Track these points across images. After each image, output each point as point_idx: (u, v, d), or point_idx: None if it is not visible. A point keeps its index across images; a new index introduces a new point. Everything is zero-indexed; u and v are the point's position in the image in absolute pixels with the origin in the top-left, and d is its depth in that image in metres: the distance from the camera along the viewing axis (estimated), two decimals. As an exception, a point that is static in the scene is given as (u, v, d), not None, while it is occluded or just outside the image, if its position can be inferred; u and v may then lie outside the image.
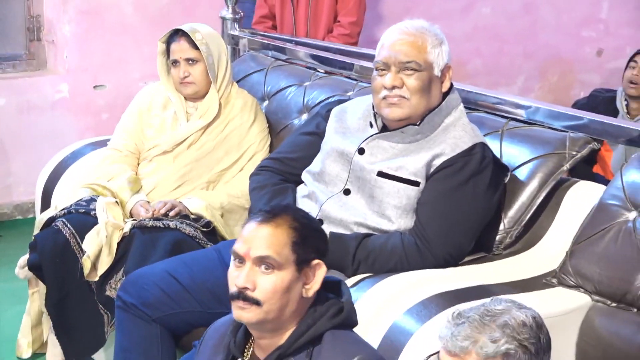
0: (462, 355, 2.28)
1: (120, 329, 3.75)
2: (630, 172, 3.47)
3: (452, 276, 3.43)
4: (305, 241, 2.68)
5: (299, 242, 2.66)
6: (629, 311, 3.25)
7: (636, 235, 3.31)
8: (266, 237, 2.64)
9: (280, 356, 2.68)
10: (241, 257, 2.64)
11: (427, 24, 3.64)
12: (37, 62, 6.46)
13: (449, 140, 3.57)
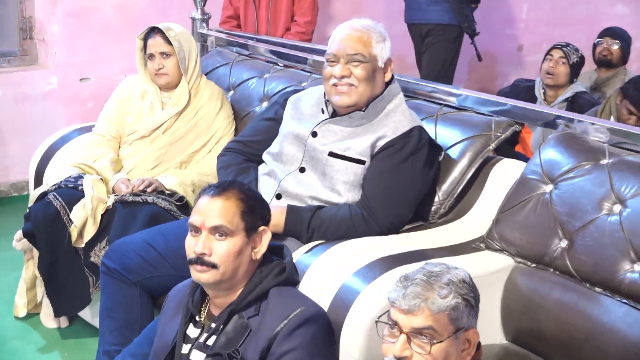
0: (415, 312, 2.29)
1: (105, 291, 3.76)
2: (547, 150, 3.49)
3: (393, 242, 3.43)
4: (252, 210, 2.73)
5: (247, 211, 2.71)
6: (547, 271, 3.27)
7: (552, 205, 3.32)
8: (218, 208, 2.69)
9: (232, 312, 2.71)
10: (197, 228, 2.70)
11: (373, 23, 3.64)
12: (30, 58, 6.42)
13: (390, 124, 3.58)
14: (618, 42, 6.47)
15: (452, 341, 2.31)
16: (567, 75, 5.94)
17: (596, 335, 3.03)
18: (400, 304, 2.31)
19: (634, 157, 3.29)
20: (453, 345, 2.31)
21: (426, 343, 2.29)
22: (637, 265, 3.04)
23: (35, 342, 4.33)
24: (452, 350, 2.31)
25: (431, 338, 2.29)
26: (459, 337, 2.32)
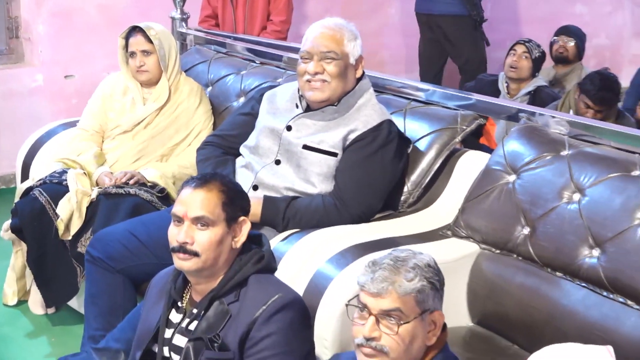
0: (383, 295, 2.29)
1: (89, 279, 3.75)
2: (510, 142, 3.50)
3: (365, 230, 3.44)
4: (233, 202, 2.73)
5: (227, 202, 2.71)
6: (510, 257, 3.29)
7: (515, 194, 3.34)
8: (201, 200, 2.69)
9: (213, 298, 2.71)
10: (180, 218, 2.70)
11: (344, 22, 3.65)
12: (16, 56, 6.36)
13: (361, 118, 3.59)
14: (573, 40, 6.49)
15: (419, 322, 2.31)
16: (530, 69, 5.96)
17: (557, 317, 3.06)
18: (369, 287, 2.31)
19: (592, 149, 3.31)
20: (419, 326, 2.31)
21: (394, 324, 2.29)
22: (595, 251, 3.06)
23: (24, 328, 4.31)
24: (419, 331, 2.31)
25: (398, 319, 2.29)
26: (425, 319, 2.32)
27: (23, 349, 4.14)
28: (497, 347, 3.20)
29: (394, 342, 2.29)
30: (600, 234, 3.06)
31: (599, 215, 3.09)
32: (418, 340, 2.33)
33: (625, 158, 3.19)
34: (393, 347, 2.29)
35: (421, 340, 2.33)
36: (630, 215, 3.02)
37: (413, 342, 2.32)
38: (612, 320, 2.93)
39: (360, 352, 2.33)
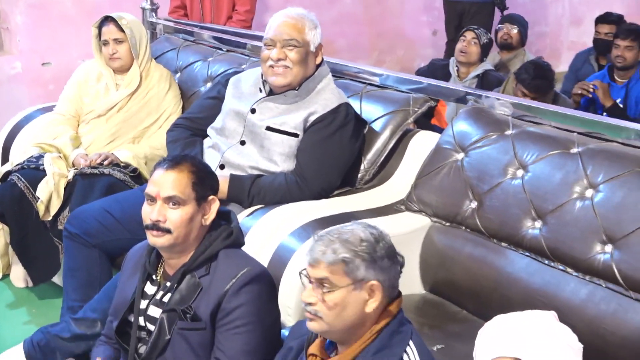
0: (316, 265, 2.30)
1: (68, 254, 3.73)
2: (458, 123, 3.51)
3: (325, 206, 3.44)
4: (202, 182, 2.72)
5: (197, 182, 2.70)
6: (459, 229, 3.30)
7: (463, 171, 3.35)
8: (172, 180, 2.67)
9: (185, 272, 2.71)
10: (153, 197, 2.68)
11: (305, 12, 3.65)
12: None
13: (320, 101, 3.59)
14: (516, 27, 6.51)
15: (349, 291, 2.29)
16: (478, 54, 5.97)
17: (502, 284, 3.08)
18: (308, 257, 2.34)
19: (534, 128, 3.33)
20: (351, 296, 2.30)
21: (323, 292, 2.30)
22: (537, 223, 3.08)
23: (6, 300, 4.28)
24: (351, 299, 2.30)
25: (327, 288, 2.30)
26: (359, 288, 2.32)
27: (6, 320, 4.11)
28: (447, 312, 3.21)
29: (325, 308, 2.29)
30: (542, 207, 3.08)
31: (540, 190, 3.11)
32: (351, 308, 2.30)
33: (564, 137, 3.21)
34: (325, 313, 2.29)
35: (355, 308, 2.31)
36: (569, 189, 3.04)
37: (345, 310, 2.30)
38: (553, 286, 2.95)
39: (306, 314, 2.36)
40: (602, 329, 2.77)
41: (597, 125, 3.26)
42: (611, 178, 2.98)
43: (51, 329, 3.52)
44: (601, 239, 2.90)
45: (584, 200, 3.00)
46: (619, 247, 2.86)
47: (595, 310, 2.82)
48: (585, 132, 3.21)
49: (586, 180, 3.03)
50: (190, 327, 2.64)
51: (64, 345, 3.46)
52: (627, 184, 2.93)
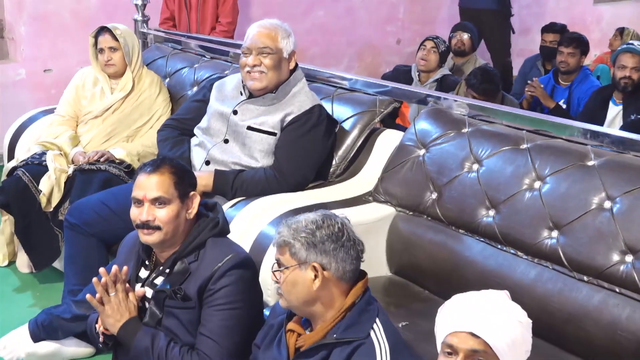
0: (276, 248, 2.39)
1: (68, 242, 3.72)
2: (420, 122, 3.52)
3: (300, 197, 3.43)
4: (182, 180, 2.73)
5: (178, 181, 2.70)
6: (421, 217, 3.30)
7: (425, 165, 3.35)
8: (156, 183, 2.68)
9: (176, 259, 2.70)
10: (140, 200, 2.69)
11: (279, 22, 3.65)
12: (1, 54, 6.24)
13: (296, 103, 3.58)
14: (468, 34, 6.52)
15: (295, 271, 2.34)
16: (437, 62, 5.98)
17: (460, 266, 3.08)
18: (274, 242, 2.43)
19: (487, 127, 3.34)
20: (298, 275, 2.34)
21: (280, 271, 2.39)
22: (491, 211, 3.08)
23: (13, 284, 4.25)
24: (298, 278, 2.34)
25: (280, 268, 2.37)
26: (304, 268, 2.34)
27: (12, 302, 4.08)
28: (411, 292, 3.22)
29: (283, 286, 2.36)
30: (495, 197, 3.09)
31: (493, 182, 3.11)
32: (300, 286, 2.34)
33: (514, 134, 3.22)
34: (283, 290, 2.36)
35: (303, 286, 2.34)
36: (519, 181, 3.05)
37: (295, 287, 2.34)
38: (506, 268, 2.96)
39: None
40: (549, 306, 2.78)
41: (543, 124, 3.28)
42: (557, 171, 2.99)
43: (54, 310, 3.52)
44: (548, 225, 2.91)
45: (533, 191, 3.00)
46: (564, 233, 2.87)
47: (543, 290, 2.83)
48: (533, 130, 3.22)
49: (534, 173, 3.03)
50: (180, 306, 2.64)
51: (65, 325, 3.47)
52: (570, 176, 2.94)
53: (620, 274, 2.69)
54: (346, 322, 2.32)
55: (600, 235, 2.77)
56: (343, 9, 7.65)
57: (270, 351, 2.46)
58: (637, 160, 2.90)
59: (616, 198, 2.80)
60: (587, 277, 2.77)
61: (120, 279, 2.64)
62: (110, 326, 2.65)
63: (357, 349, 2.27)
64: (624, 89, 5.22)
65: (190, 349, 2.60)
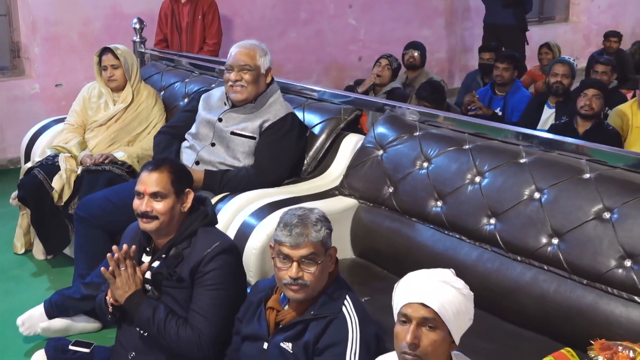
0: (301, 245, 2.29)
1: (77, 233, 3.70)
2: (378, 127, 3.52)
3: (277, 192, 3.42)
4: (179, 179, 2.71)
5: (175, 180, 2.69)
6: (380, 208, 3.30)
7: (382, 164, 3.35)
8: (156, 179, 2.66)
9: (171, 245, 2.69)
10: (141, 193, 2.67)
11: (257, 42, 3.64)
12: (18, 71, 6.17)
13: (272, 111, 3.57)
14: (418, 51, 6.53)
15: (326, 258, 2.34)
16: (390, 77, 6.00)
17: (414, 250, 3.09)
18: (289, 242, 2.30)
19: (435, 130, 3.35)
20: (325, 261, 2.34)
21: (312, 264, 2.29)
22: (439, 202, 3.10)
23: (30, 270, 4.21)
24: (326, 264, 2.34)
25: (314, 261, 2.30)
26: (327, 254, 2.34)
27: (29, 285, 4.05)
28: (372, 272, 3.22)
29: (313, 276, 2.29)
30: (443, 190, 3.10)
31: (441, 177, 3.13)
32: (326, 270, 2.34)
33: (458, 137, 3.23)
34: (312, 281, 2.29)
35: (327, 270, 2.35)
36: (463, 176, 3.07)
37: (323, 273, 2.33)
38: (452, 251, 2.98)
39: (289, 289, 2.32)
40: (489, 282, 2.80)
41: (483, 128, 3.29)
42: (494, 167, 3.01)
43: (65, 291, 3.51)
44: (487, 213, 2.93)
45: (474, 184, 3.02)
46: (500, 220, 2.89)
47: (484, 268, 2.85)
48: (474, 133, 3.23)
49: (475, 169, 3.05)
50: (175, 286, 2.63)
51: (76, 304, 3.47)
52: (505, 172, 2.97)
53: (548, 254, 2.72)
54: (323, 299, 2.33)
55: (531, 221, 2.79)
56: (312, 31, 7.66)
57: (252, 325, 2.46)
58: (562, 157, 2.93)
59: (544, 190, 2.83)
60: (520, 257, 2.80)
61: (130, 255, 2.62)
62: (119, 297, 2.62)
63: (331, 322, 2.28)
64: (556, 92, 5.46)
65: (185, 321, 2.60)
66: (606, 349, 2.36)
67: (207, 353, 2.55)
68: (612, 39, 8.08)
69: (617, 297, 2.55)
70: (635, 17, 10.21)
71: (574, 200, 2.73)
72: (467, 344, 2.10)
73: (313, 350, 2.27)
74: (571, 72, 5.53)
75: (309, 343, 2.28)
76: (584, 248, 2.64)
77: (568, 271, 2.66)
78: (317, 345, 2.26)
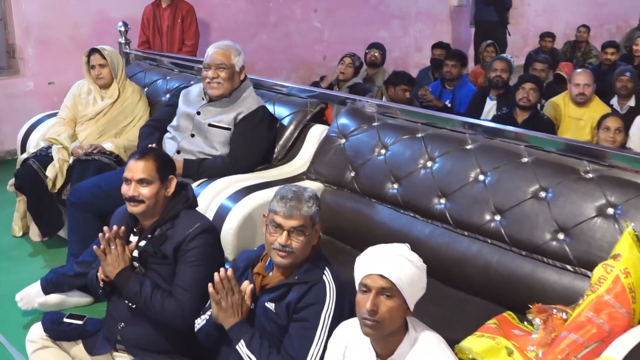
0: (293, 216, 2.31)
1: (70, 217, 3.67)
2: (341, 118, 3.51)
3: (250, 178, 3.40)
4: (164, 167, 2.69)
5: (160, 168, 2.66)
6: (343, 191, 3.30)
7: (345, 151, 3.35)
8: (142, 167, 2.63)
9: (156, 226, 2.66)
10: (129, 180, 2.64)
11: (232, 43, 3.60)
12: (14, 70, 6.06)
13: (245, 105, 3.54)
14: (380, 51, 6.54)
15: (312, 232, 2.35)
16: (353, 74, 5.98)
17: (373, 228, 3.09)
18: (283, 212, 2.32)
19: (392, 121, 3.35)
20: (312, 234, 2.35)
21: (301, 235, 2.31)
22: (395, 185, 3.10)
23: (27, 250, 4.16)
24: (312, 237, 2.36)
25: (303, 232, 2.32)
26: (314, 229, 2.36)
27: (27, 265, 4.00)
28: (337, 248, 3.21)
29: (300, 245, 2.31)
30: (398, 174, 3.11)
31: (397, 162, 3.14)
32: (310, 243, 2.35)
33: (412, 126, 3.24)
34: (298, 249, 2.31)
35: (311, 242, 2.36)
36: (416, 162, 3.08)
37: (308, 244, 2.34)
38: (407, 227, 2.99)
39: (276, 254, 2.33)
40: (440, 255, 2.82)
41: (434, 118, 3.30)
42: (443, 153, 3.02)
43: (60, 269, 3.48)
44: (437, 194, 2.95)
45: (426, 168, 3.03)
46: (449, 200, 2.90)
47: (435, 243, 2.87)
48: (426, 123, 3.24)
49: (427, 155, 3.06)
50: (160, 262, 2.60)
51: (69, 281, 3.44)
52: (453, 157, 2.98)
53: (491, 229, 2.75)
54: (306, 267, 2.34)
55: (476, 200, 2.82)
56: (281, 33, 7.62)
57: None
58: (503, 144, 2.95)
59: (487, 172, 2.85)
60: (467, 232, 2.82)
61: (119, 236, 2.60)
62: (109, 273, 2.59)
63: (312, 287, 2.30)
64: (496, 85, 5.54)
65: (169, 294, 2.58)
66: (542, 311, 2.40)
67: (188, 322, 2.54)
68: (547, 39, 8.16)
69: (551, 266, 2.58)
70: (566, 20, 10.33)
71: (513, 182, 2.76)
72: (421, 310, 2.11)
73: (294, 310, 2.29)
74: (509, 68, 5.60)
75: (291, 304, 2.29)
76: (522, 223, 2.67)
77: (509, 244, 2.69)
78: (298, 305, 2.28)
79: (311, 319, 2.24)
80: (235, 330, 2.32)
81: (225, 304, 2.33)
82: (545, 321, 2.34)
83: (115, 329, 2.67)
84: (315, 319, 2.24)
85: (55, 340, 2.72)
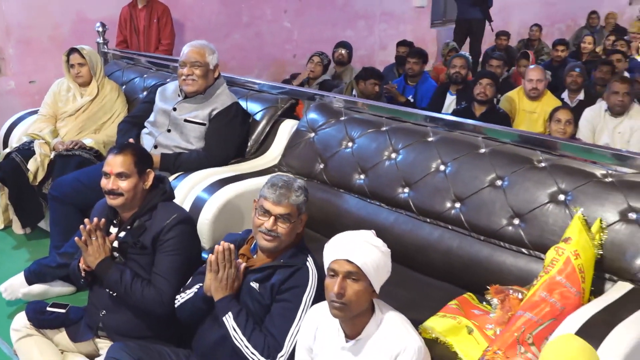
0: (282, 203, 2.31)
1: (52, 210, 3.59)
2: (310, 113, 3.51)
3: (225, 170, 3.38)
4: (141, 161, 2.66)
5: (137, 162, 2.63)
6: (313, 182, 3.29)
7: (314, 144, 3.35)
8: (120, 161, 2.60)
9: (135, 218, 2.63)
10: (108, 174, 2.61)
11: (206, 42, 3.57)
12: (-5, 70, 5.94)
13: (219, 101, 3.52)
14: (346, 50, 6.53)
15: (298, 220, 2.36)
16: (321, 72, 5.97)
17: (342, 216, 3.10)
18: (272, 199, 2.32)
19: (358, 115, 3.35)
20: (297, 222, 2.36)
21: (287, 222, 2.32)
22: (362, 176, 3.11)
23: (10, 242, 4.09)
24: (297, 225, 2.36)
25: (289, 220, 2.32)
26: (300, 218, 2.36)
27: (10, 256, 3.93)
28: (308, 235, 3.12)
29: (285, 231, 2.31)
30: (364, 165, 3.11)
31: (363, 155, 3.14)
32: (295, 230, 2.35)
33: (377, 120, 3.25)
34: (284, 234, 2.31)
35: (296, 230, 2.36)
36: (381, 154, 3.09)
37: (293, 231, 2.34)
38: (373, 215, 3.00)
39: (262, 237, 2.33)
40: (404, 241, 2.83)
41: (397, 112, 3.31)
42: (407, 145, 3.03)
43: (42, 260, 3.43)
44: (401, 184, 2.96)
45: (391, 160, 3.04)
46: (412, 189, 2.92)
47: (399, 230, 2.88)
48: (390, 117, 3.25)
49: (391, 147, 3.07)
50: (140, 252, 2.58)
51: (52, 272, 3.39)
52: (416, 149, 3.00)
53: (452, 216, 2.77)
54: (291, 252, 2.35)
55: (437, 189, 2.83)
56: (253, 33, 7.56)
57: None
58: (462, 136, 2.97)
59: (448, 163, 2.87)
60: (429, 219, 2.84)
61: (99, 227, 2.57)
62: (90, 263, 2.57)
63: (297, 271, 2.30)
64: (455, 81, 5.55)
65: (149, 283, 2.55)
66: (500, 292, 2.43)
67: (167, 309, 2.52)
68: (502, 37, 8.23)
69: (508, 249, 2.61)
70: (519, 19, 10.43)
71: (472, 171, 2.78)
72: (386, 292, 2.12)
73: (278, 291, 2.29)
74: (467, 64, 5.63)
75: (275, 285, 2.30)
76: (480, 210, 2.70)
77: (468, 229, 2.72)
78: (282, 287, 2.29)
79: (293, 301, 2.25)
80: (225, 303, 2.32)
81: (222, 274, 2.32)
82: (503, 301, 2.37)
83: (97, 316, 2.64)
84: (297, 301, 2.25)
85: (38, 329, 2.69)
